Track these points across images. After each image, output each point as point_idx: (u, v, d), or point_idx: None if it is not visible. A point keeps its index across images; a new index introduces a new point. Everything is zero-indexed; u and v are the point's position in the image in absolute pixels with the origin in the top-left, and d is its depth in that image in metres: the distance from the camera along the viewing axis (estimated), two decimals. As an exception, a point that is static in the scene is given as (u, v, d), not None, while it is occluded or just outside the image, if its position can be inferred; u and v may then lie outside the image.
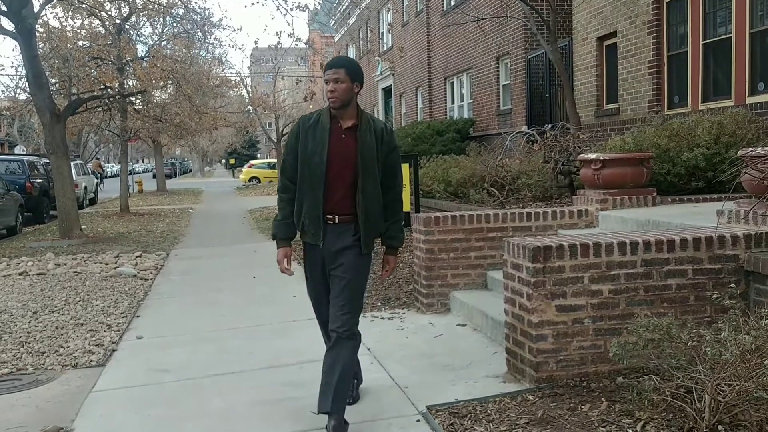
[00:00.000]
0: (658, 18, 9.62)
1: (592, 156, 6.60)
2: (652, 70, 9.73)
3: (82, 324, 6.14)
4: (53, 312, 6.64)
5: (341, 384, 3.40)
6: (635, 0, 9.97)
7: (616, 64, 10.66)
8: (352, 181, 3.46)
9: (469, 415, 3.55)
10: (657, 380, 3.34)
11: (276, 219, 3.65)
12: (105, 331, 5.87)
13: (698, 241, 3.98)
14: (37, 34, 13.10)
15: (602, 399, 3.58)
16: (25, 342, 5.59)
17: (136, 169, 51.89)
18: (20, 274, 8.83)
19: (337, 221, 3.50)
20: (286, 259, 3.62)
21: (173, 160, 66.98)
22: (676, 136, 7.17)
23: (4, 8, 11.74)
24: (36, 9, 12.38)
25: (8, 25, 12.07)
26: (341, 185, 3.47)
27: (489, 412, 3.58)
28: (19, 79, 19.02)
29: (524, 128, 13.35)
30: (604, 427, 3.27)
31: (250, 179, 37.35)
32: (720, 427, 2.96)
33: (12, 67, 50.07)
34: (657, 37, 9.63)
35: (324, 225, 3.50)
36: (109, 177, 51.56)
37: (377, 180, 3.51)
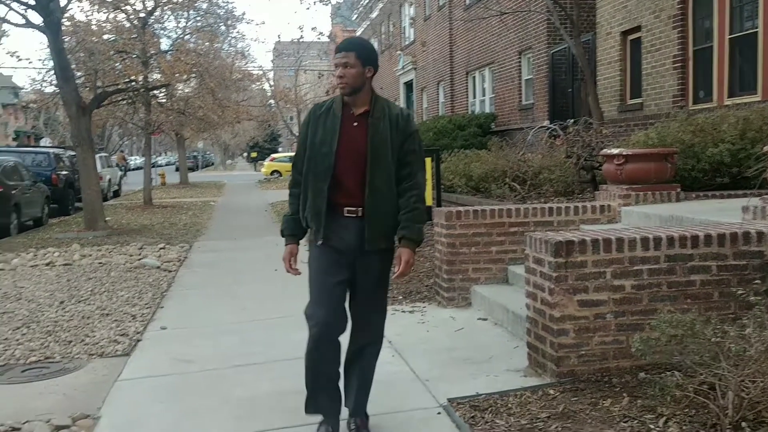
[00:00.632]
0: (684, 12, 9.51)
1: (615, 151, 6.56)
2: (677, 65, 9.63)
3: (107, 314, 6.24)
4: (79, 302, 6.76)
5: (365, 386, 3.40)
6: (661, -6, 9.86)
7: (640, 59, 10.56)
8: (361, 172, 3.20)
9: (490, 409, 3.56)
10: (680, 376, 3.33)
11: (285, 215, 3.46)
12: (130, 322, 5.96)
13: (723, 237, 3.95)
14: (64, 27, 13.26)
15: (624, 394, 3.58)
16: (53, 331, 5.70)
17: (159, 162, 52.46)
18: (47, 265, 8.98)
19: (349, 214, 3.24)
20: (292, 258, 3.38)
21: (195, 153, 67.49)
22: (701, 132, 7.10)
23: (33, 2, 11.90)
24: (63, 3, 12.54)
25: (36, 18, 12.25)
26: (352, 177, 3.20)
27: (510, 405, 3.59)
28: (46, 72, 19.32)
29: (546, 123, 13.28)
30: (625, 422, 3.27)
31: (272, 173, 37.52)
32: (744, 423, 2.95)
33: (39, 60, 50.81)
34: (682, 32, 9.53)
35: (328, 221, 3.22)
36: (133, 170, 52.15)
37: (390, 171, 3.21)
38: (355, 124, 3.21)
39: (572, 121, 10.67)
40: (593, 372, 3.88)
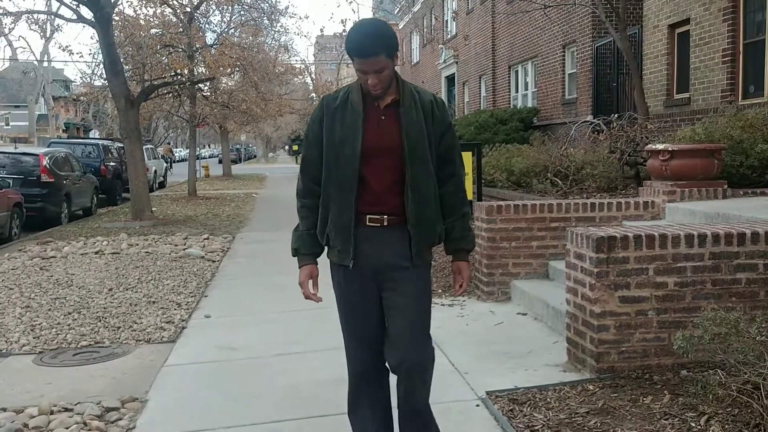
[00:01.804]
0: (734, 4, 9.28)
1: (660, 146, 6.47)
2: (726, 59, 9.41)
3: (153, 302, 6.41)
4: (127, 289, 6.96)
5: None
6: (710, -14, 9.64)
7: (687, 53, 10.34)
8: (399, 175, 2.67)
9: (528, 402, 3.58)
10: (723, 375, 3.30)
11: (296, 229, 2.84)
12: (175, 310, 6.12)
13: (770, 235, 3.88)
14: (114, 22, 13.58)
15: (665, 392, 3.55)
16: (102, 317, 5.89)
17: (203, 154, 53.29)
18: (96, 253, 9.25)
19: (385, 223, 2.69)
20: (310, 281, 2.83)
21: (238, 146, 68.37)
22: (750, 127, 6.95)
23: (84, -2, 12.22)
24: (113, -2, 12.84)
25: (87, 13, 12.56)
26: (382, 181, 2.68)
27: (548, 399, 3.60)
28: (96, 66, 19.78)
29: (590, 118, 13.10)
30: (666, 419, 3.25)
31: (313, 165, 37.65)
32: (787, 424, 2.91)
33: (90, 54, 52.07)
34: (732, 24, 9.30)
35: (357, 235, 2.69)
36: (177, 161, 53.12)
37: (430, 170, 2.71)
38: (383, 117, 2.69)
39: (616, 115, 10.52)
40: (634, 369, 3.86)
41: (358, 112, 2.68)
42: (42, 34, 36.92)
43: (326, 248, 2.80)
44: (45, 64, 42.66)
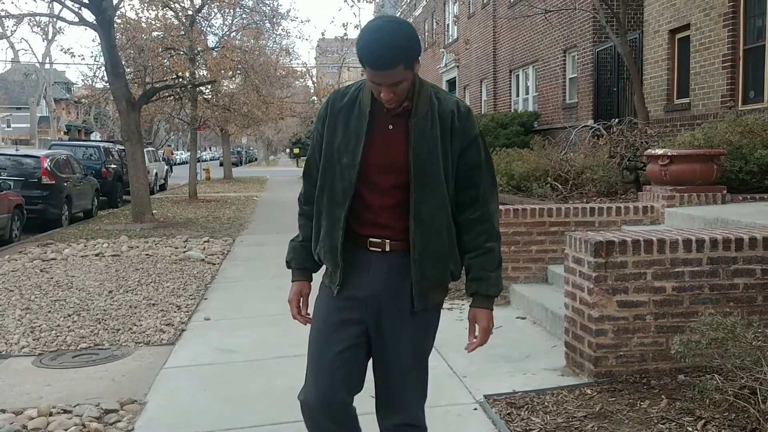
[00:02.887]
0: (735, 10, 9.30)
1: (659, 151, 6.49)
2: (726, 64, 9.43)
3: (153, 304, 6.43)
4: (127, 292, 6.97)
5: None
6: (711, -9, 9.67)
7: (688, 58, 10.37)
8: (402, 196, 2.26)
9: (526, 406, 3.59)
10: (720, 379, 3.31)
11: (293, 239, 2.53)
12: (175, 312, 6.13)
13: (768, 240, 3.89)
14: (115, 25, 13.62)
15: (662, 396, 3.56)
16: (102, 319, 5.90)
17: (203, 157, 53.38)
18: (96, 255, 9.27)
19: (387, 248, 2.29)
20: (301, 300, 2.47)
21: (239, 149, 68.45)
22: (750, 133, 6.97)
23: (87, 0, 12.26)
24: (115, 1, 12.88)
25: (89, 16, 12.60)
26: (382, 201, 2.29)
27: (546, 403, 3.61)
28: (98, 68, 19.85)
29: (590, 122, 13.13)
30: (663, 424, 3.26)
31: (314, 169, 37.70)
32: (784, 428, 2.92)
33: (91, 56, 52.20)
34: (733, 30, 9.33)
35: (349, 259, 2.31)
36: (178, 164, 53.17)
37: (443, 193, 2.27)
38: (391, 126, 2.26)
39: (617, 120, 10.54)
40: (631, 373, 3.87)
41: (364, 116, 2.26)
42: (44, 36, 37.06)
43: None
44: (47, 66, 42.78)
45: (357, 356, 2.33)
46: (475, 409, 3.69)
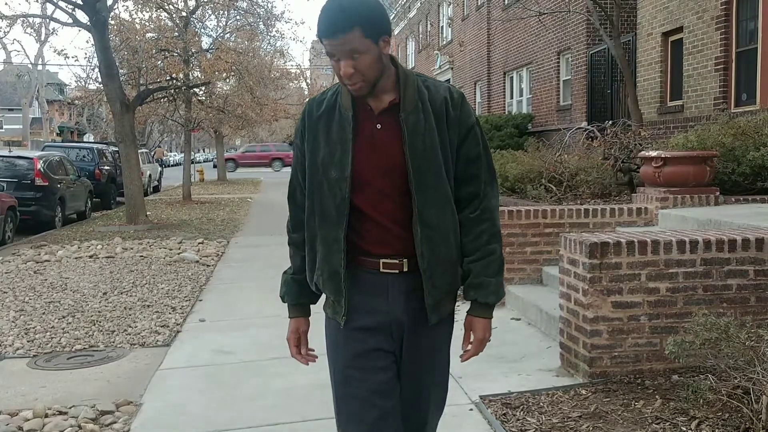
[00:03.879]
0: (727, 13, 9.37)
1: (653, 153, 6.52)
2: (719, 67, 9.49)
3: (148, 306, 6.42)
4: (122, 293, 6.96)
5: None
6: (703, -6, 9.73)
7: (681, 60, 10.43)
8: (401, 202, 2.02)
9: (521, 407, 3.61)
10: (713, 379, 3.34)
11: (285, 273, 2.27)
12: (170, 313, 6.13)
13: (761, 241, 3.92)
14: (109, 26, 13.60)
15: (656, 396, 3.59)
16: (97, 321, 5.89)
17: (197, 159, 53.23)
18: (90, 257, 9.25)
19: (405, 268, 2.05)
20: (300, 338, 2.25)
21: (233, 150, 68.35)
22: (743, 135, 7.01)
23: (80, 2, 12.24)
24: (109, 2, 12.87)
25: (83, 18, 12.59)
26: (384, 210, 2.04)
27: (541, 404, 3.63)
28: (92, 69, 19.81)
29: (584, 124, 13.18)
30: (657, 424, 3.28)
31: (308, 170, 37.68)
32: (777, 428, 2.94)
33: (85, 58, 52.08)
34: (725, 33, 9.39)
35: (352, 286, 2.07)
36: (172, 166, 53.01)
37: (446, 192, 2.04)
38: (379, 126, 2.02)
39: (610, 122, 10.60)
40: (626, 373, 3.89)
41: (347, 121, 2.01)
42: (37, 37, 36.92)
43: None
44: (39, 67, 42.62)
45: (395, 396, 2.09)
46: (471, 409, 3.70)
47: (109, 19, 13.42)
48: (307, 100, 2.17)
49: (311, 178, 2.07)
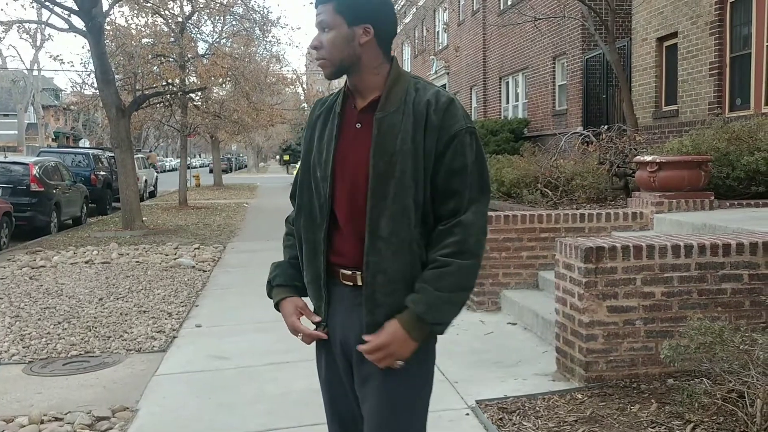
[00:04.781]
0: (721, 18, 9.42)
1: (648, 158, 6.55)
2: (713, 72, 9.54)
3: (144, 311, 6.41)
4: (118, 299, 6.95)
5: None
6: (698, 0, 9.78)
7: (675, 65, 10.48)
8: (364, 207, 1.89)
9: (517, 411, 3.62)
10: (708, 383, 3.35)
11: (275, 262, 2.17)
12: (166, 319, 6.12)
13: (755, 245, 3.94)
14: (105, 32, 13.60)
15: (652, 400, 3.60)
16: (92, 326, 5.88)
17: (193, 164, 53.26)
18: (86, 263, 9.23)
19: (359, 282, 1.89)
20: (299, 316, 2.05)
21: (229, 156, 68.35)
22: (737, 140, 7.04)
23: (76, 7, 12.25)
24: (105, 8, 12.88)
25: (79, 23, 12.59)
26: (348, 215, 1.92)
27: (538, 408, 3.64)
28: (87, 75, 19.80)
29: (579, 129, 13.22)
30: (653, 427, 3.30)
31: (304, 175, 37.72)
32: (771, 431, 2.96)
33: (81, 63, 52.01)
34: (719, 38, 9.44)
35: (329, 291, 1.97)
36: (168, 171, 52.97)
37: (409, 203, 1.84)
38: (359, 125, 1.92)
39: (606, 127, 10.63)
40: (622, 378, 3.90)
41: (335, 117, 1.95)
42: (32, 42, 36.90)
43: None
44: (35, 72, 42.56)
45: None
46: (467, 414, 3.71)
47: (105, 24, 13.42)
48: (317, 100, 2.12)
49: (303, 176, 2.03)
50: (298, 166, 2.21)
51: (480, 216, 1.87)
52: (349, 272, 1.90)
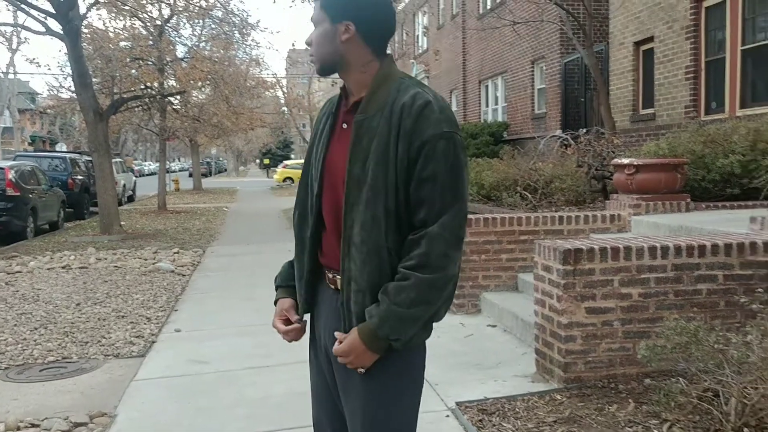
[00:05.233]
0: (696, 23, 9.55)
1: (625, 161, 6.62)
2: (689, 76, 9.67)
3: (123, 316, 6.35)
4: (95, 304, 6.88)
5: None
6: (673, 5, 9.91)
7: (652, 69, 10.60)
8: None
9: (497, 412, 3.63)
10: (684, 383, 3.39)
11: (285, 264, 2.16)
12: (145, 324, 6.07)
13: (729, 246, 4.00)
14: (82, 35, 13.48)
15: (629, 400, 3.63)
16: (70, 332, 5.82)
17: (172, 168, 52.88)
18: (63, 268, 9.13)
19: (338, 285, 1.88)
20: (280, 317, 2.04)
21: (209, 160, 67.96)
22: (712, 142, 7.14)
23: (53, 10, 12.12)
24: (82, 11, 12.76)
25: (56, 26, 12.46)
26: (332, 216, 1.91)
27: (517, 410, 3.66)
28: (64, 78, 19.59)
29: (558, 132, 13.33)
30: (630, 427, 3.33)
31: (285, 179, 37.75)
32: (746, 429, 3.00)
33: (58, 66, 51.46)
34: (695, 43, 9.57)
35: (316, 291, 1.99)
36: (147, 175, 52.51)
37: (380, 209, 1.78)
38: (345, 125, 1.90)
39: (584, 130, 10.72)
40: (600, 378, 3.94)
41: (330, 117, 1.95)
42: (8, 45, 36.40)
43: None
44: (11, 75, 42.02)
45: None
46: (447, 416, 3.72)
47: (83, 27, 13.30)
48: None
49: (304, 173, 2.03)
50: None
51: (448, 228, 1.76)
52: (331, 275, 1.91)
